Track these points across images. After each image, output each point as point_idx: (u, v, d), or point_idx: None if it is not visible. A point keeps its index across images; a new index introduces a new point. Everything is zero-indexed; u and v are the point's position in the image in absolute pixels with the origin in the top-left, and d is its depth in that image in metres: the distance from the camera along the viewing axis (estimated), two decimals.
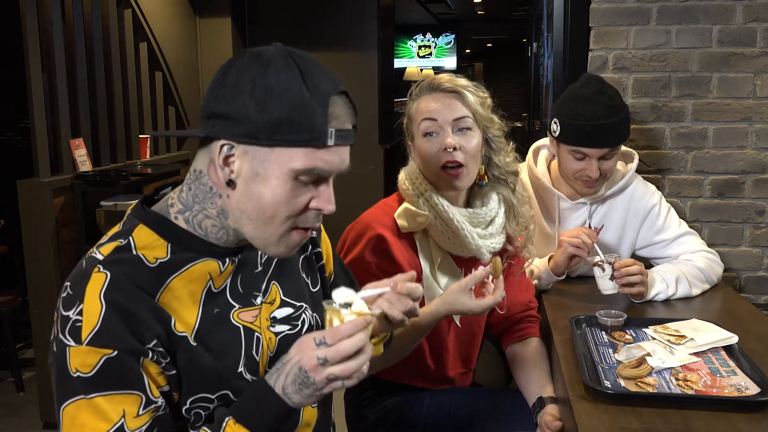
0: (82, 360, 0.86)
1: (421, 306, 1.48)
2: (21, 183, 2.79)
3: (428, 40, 12.49)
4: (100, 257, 0.92)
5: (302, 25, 4.74)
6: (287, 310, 1.08)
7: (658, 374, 1.31)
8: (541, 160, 1.99)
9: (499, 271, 1.40)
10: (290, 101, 0.88)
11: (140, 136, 3.67)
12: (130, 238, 0.95)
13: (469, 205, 1.58)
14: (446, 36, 12.44)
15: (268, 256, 1.07)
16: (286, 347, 1.05)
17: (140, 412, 0.88)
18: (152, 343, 0.90)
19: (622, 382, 1.28)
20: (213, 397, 0.96)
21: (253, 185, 0.92)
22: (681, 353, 1.39)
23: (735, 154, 2.22)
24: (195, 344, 0.95)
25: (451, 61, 12.53)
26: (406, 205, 1.50)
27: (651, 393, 1.23)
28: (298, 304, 1.10)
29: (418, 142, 1.51)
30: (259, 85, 0.89)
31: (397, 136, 1.64)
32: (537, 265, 1.86)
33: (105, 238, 0.97)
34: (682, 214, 2.12)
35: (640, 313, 1.70)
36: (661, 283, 1.78)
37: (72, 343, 0.87)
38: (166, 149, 4.03)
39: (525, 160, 2.03)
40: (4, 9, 3.34)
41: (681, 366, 1.34)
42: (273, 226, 0.94)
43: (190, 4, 4.35)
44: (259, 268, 1.05)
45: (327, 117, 0.91)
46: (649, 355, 1.37)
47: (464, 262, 1.58)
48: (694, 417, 1.16)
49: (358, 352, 0.90)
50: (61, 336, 0.88)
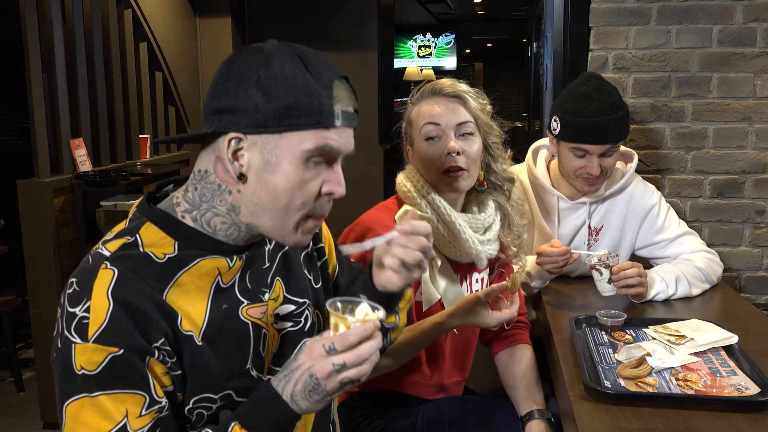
0: (88, 357, 0.86)
1: (425, 316, 1.49)
2: (21, 183, 2.79)
3: (428, 40, 12.49)
4: (107, 253, 0.92)
5: (302, 24, 4.74)
6: (290, 307, 1.08)
7: (658, 374, 1.31)
8: (541, 160, 1.99)
9: (517, 286, 1.41)
10: (296, 87, 0.90)
11: (140, 136, 3.67)
12: (137, 236, 0.95)
13: (465, 210, 1.57)
14: (446, 36, 12.44)
15: (272, 252, 1.07)
16: (289, 344, 1.06)
17: (143, 413, 0.88)
18: (159, 342, 0.90)
19: (622, 382, 1.28)
20: (216, 397, 0.96)
21: (266, 175, 0.92)
22: (681, 353, 1.39)
23: (735, 154, 2.22)
24: (201, 343, 0.94)
25: (451, 61, 12.53)
26: (407, 207, 1.50)
27: (651, 393, 1.23)
28: (301, 301, 1.10)
29: (420, 146, 1.51)
30: (264, 76, 0.90)
31: (396, 138, 1.64)
32: (531, 268, 1.84)
33: (111, 235, 0.96)
34: (682, 214, 2.12)
35: (640, 313, 1.70)
36: (661, 283, 1.78)
37: (78, 340, 0.86)
38: (166, 149, 4.03)
39: (524, 160, 2.03)
40: (4, 9, 3.35)
41: (681, 366, 1.34)
42: (289, 215, 0.95)
43: (190, 4, 4.35)
44: (267, 264, 1.05)
45: (332, 99, 0.92)
46: (649, 355, 1.37)
47: (461, 268, 1.58)
48: (694, 417, 1.16)
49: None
50: (66, 333, 0.87)
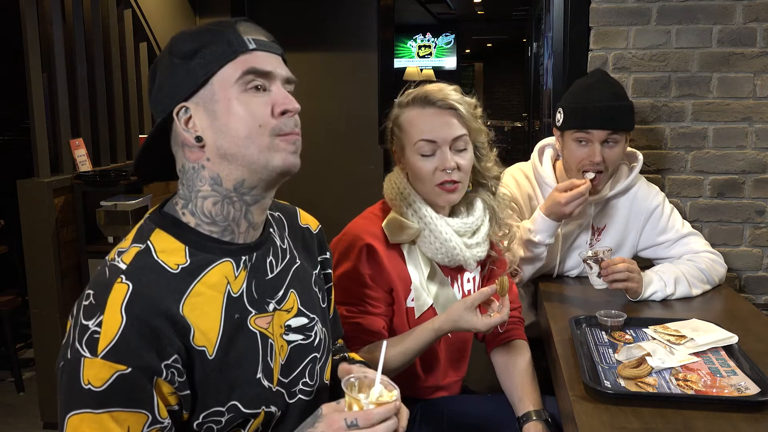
0: (96, 373, 0.85)
1: (419, 322, 1.49)
2: (21, 183, 2.79)
3: (428, 40, 12.49)
4: (123, 266, 0.92)
5: (302, 24, 4.74)
6: (303, 320, 1.09)
7: (658, 374, 1.31)
8: (547, 159, 1.99)
9: (506, 290, 1.40)
10: (201, 35, 0.96)
11: (140, 136, 3.67)
12: (149, 242, 0.96)
13: (453, 212, 1.57)
14: (446, 36, 12.44)
15: (284, 264, 1.08)
16: (297, 356, 1.07)
17: (144, 431, 0.88)
18: (172, 359, 0.89)
19: (622, 382, 1.28)
20: (224, 409, 0.96)
21: (218, 124, 0.95)
22: (681, 353, 1.39)
23: (735, 154, 2.22)
24: (212, 357, 0.94)
25: (451, 61, 12.53)
26: (393, 215, 1.49)
27: (651, 393, 1.23)
28: (312, 316, 1.11)
29: (413, 159, 1.48)
30: (172, 47, 0.98)
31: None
32: (530, 224, 1.82)
33: (125, 244, 0.97)
34: (682, 214, 2.12)
35: (640, 313, 1.70)
36: (659, 282, 1.78)
37: (87, 354, 0.86)
38: None
39: (529, 159, 2.03)
40: (4, 9, 3.35)
41: (681, 366, 1.34)
42: (254, 143, 0.95)
43: (190, 4, 4.35)
44: (270, 276, 1.06)
45: (238, 32, 0.97)
46: (649, 355, 1.37)
47: (451, 270, 1.58)
48: (694, 417, 1.16)
49: None
50: (77, 345, 0.87)
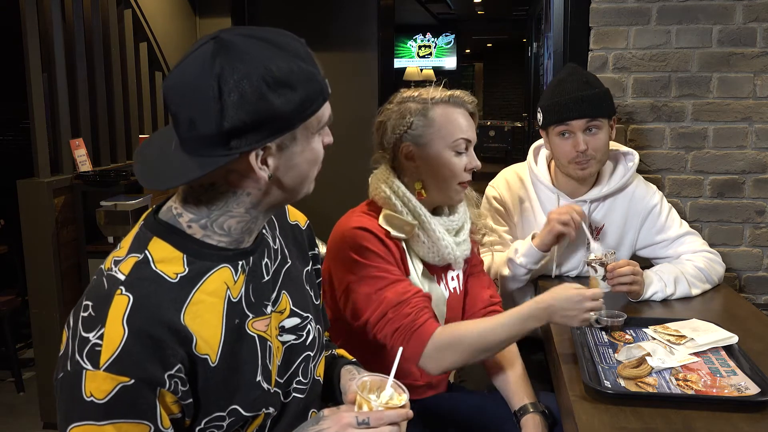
0: (98, 385, 0.85)
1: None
2: (21, 183, 2.79)
3: (428, 40, 12.50)
4: (122, 277, 0.90)
5: (302, 24, 4.74)
6: (295, 320, 1.09)
7: (658, 374, 1.31)
8: (542, 159, 2.00)
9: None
10: (300, 80, 0.90)
11: (140, 136, 3.67)
12: (147, 252, 0.94)
13: (436, 212, 1.58)
14: (446, 36, 12.45)
15: (275, 268, 1.08)
16: (291, 356, 1.07)
17: None
18: (175, 369, 0.89)
19: (622, 382, 1.28)
20: (225, 414, 0.96)
21: (289, 163, 0.95)
22: (681, 353, 1.39)
23: (735, 154, 2.22)
24: (215, 365, 0.94)
25: (451, 61, 12.54)
26: (387, 212, 1.49)
27: (651, 393, 1.23)
28: (305, 315, 1.11)
29: (445, 154, 1.49)
30: (270, 81, 0.87)
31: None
32: (519, 245, 1.86)
33: (121, 253, 0.95)
34: (682, 214, 2.12)
35: (640, 313, 1.70)
36: (659, 283, 1.78)
37: (89, 367, 0.85)
38: None
39: (525, 159, 2.04)
40: (4, 9, 3.35)
41: (681, 366, 1.34)
42: (307, 183, 1.00)
43: (190, 4, 4.35)
44: (267, 278, 1.05)
45: (321, 72, 0.94)
46: (649, 355, 1.37)
47: (437, 269, 1.59)
48: (694, 417, 1.16)
49: None
50: (77, 357, 0.86)
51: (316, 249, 1.23)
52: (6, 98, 3.96)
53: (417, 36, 12.45)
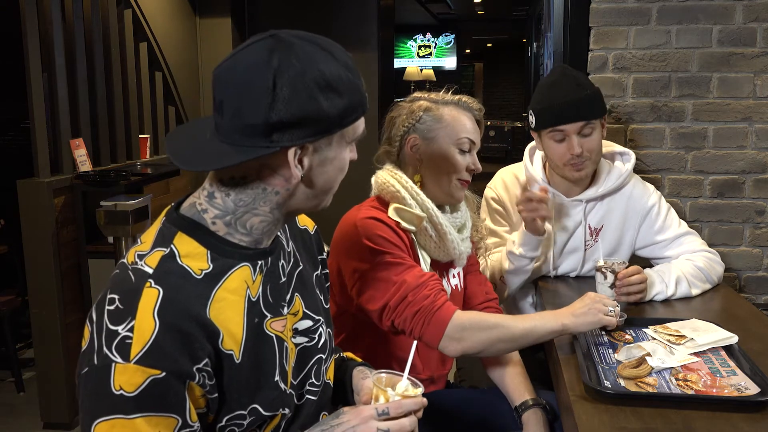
0: (128, 378, 0.84)
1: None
2: (21, 183, 2.79)
3: (428, 40, 12.50)
4: (149, 270, 0.91)
5: (302, 24, 4.69)
6: (308, 323, 1.10)
7: (658, 374, 1.31)
8: (537, 159, 2.01)
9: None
10: (348, 88, 0.94)
11: (140, 136, 3.67)
12: (172, 246, 0.94)
13: (439, 210, 1.59)
14: (446, 36, 12.45)
15: (289, 270, 1.09)
16: (304, 358, 1.08)
17: None
18: (203, 363, 0.89)
19: (622, 382, 1.28)
20: (245, 412, 0.97)
21: (322, 169, 0.97)
22: (681, 353, 1.39)
23: (735, 154, 2.22)
24: (239, 361, 0.94)
25: (451, 61, 12.54)
26: (397, 205, 1.51)
27: (651, 393, 1.23)
28: (317, 318, 1.12)
29: (450, 151, 1.53)
30: (321, 83, 0.91)
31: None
32: (515, 237, 1.86)
33: (144, 247, 0.95)
34: (682, 214, 2.12)
35: (640, 313, 1.70)
36: (661, 284, 1.78)
37: (119, 360, 0.84)
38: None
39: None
40: (4, 9, 3.35)
41: (681, 366, 1.34)
42: (331, 191, 1.03)
43: (190, 4, 4.35)
44: (283, 279, 1.06)
45: (364, 86, 0.98)
46: (649, 355, 1.37)
47: (439, 265, 1.60)
48: (694, 417, 1.16)
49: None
50: (106, 351, 0.85)
51: (324, 254, 1.24)
52: (6, 98, 3.96)
53: (417, 36, 12.45)
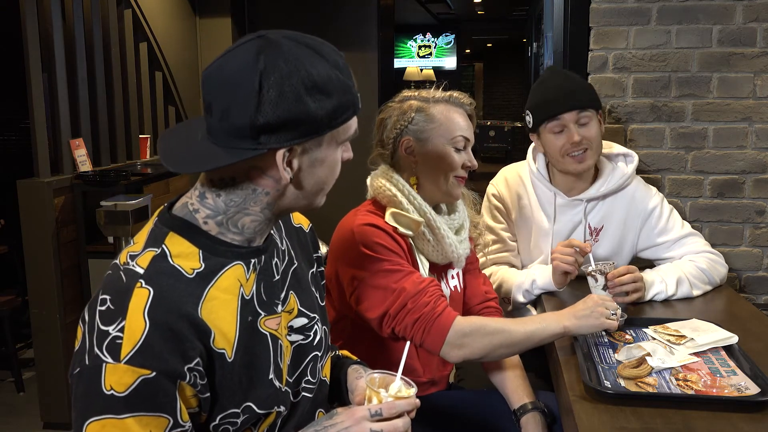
0: (119, 378, 0.84)
1: None
2: (21, 183, 2.79)
3: (428, 40, 12.50)
4: (140, 270, 0.91)
5: (302, 24, 4.74)
6: (303, 320, 1.10)
7: (658, 374, 1.31)
8: (540, 158, 2.01)
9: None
10: (337, 89, 0.93)
11: (140, 136, 3.67)
12: (164, 246, 0.94)
13: (435, 211, 1.58)
14: (446, 36, 12.45)
15: (283, 268, 1.09)
16: (299, 356, 1.08)
17: None
18: (194, 362, 0.89)
19: (622, 382, 1.28)
20: (239, 410, 0.97)
21: (312, 169, 0.97)
22: (681, 353, 1.39)
23: (735, 154, 2.22)
24: (231, 360, 0.95)
25: (451, 61, 12.53)
26: (393, 209, 1.49)
27: (651, 393, 1.23)
28: (312, 315, 1.12)
29: (444, 150, 1.52)
30: (308, 85, 0.90)
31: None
32: (539, 274, 1.85)
33: (136, 248, 0.95)
34: (682, 215, 2.12)
35: (640, 313, 1.70)
36: (660, 284, 1.78)
37: (110, 360, 0.85)
38: None
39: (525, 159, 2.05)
40: (4, 9, 3.35)
41: (681, 366, 1.34)
42: (323, 192, 1.02)
43: (190, 4, 4.35)
44: (277, 277, 1.06)
45: (355, 86, 0.97)
46: (649, 355, 1.37)
47: (438, 269, 1.60)
48: (694, 417, 1.16)
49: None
50: (97, 351, 0.86)
51: (320, 251, 1.24)
52: (6, 98, 3.96)
53: (417, 36, 12.45)
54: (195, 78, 4.41)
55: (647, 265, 1.93)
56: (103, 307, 0.89)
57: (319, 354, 1.13)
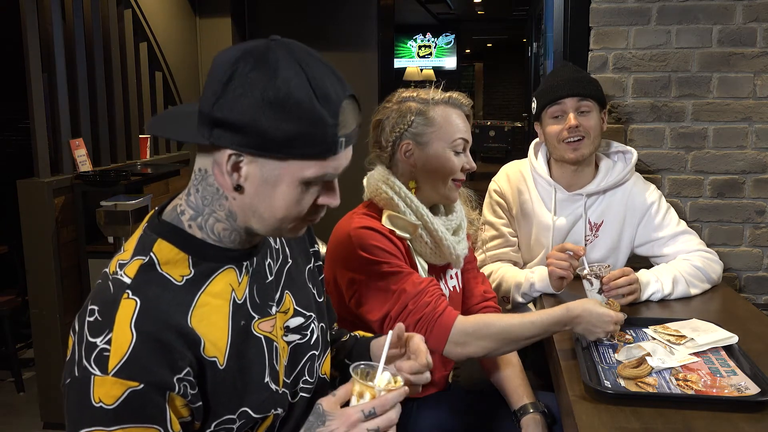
0: (107, 391, 0.84)
1: None
2: (21, 183, 2.79)
3: (428, 40, 12.50)
4: (127, 280, 0.90)
5: (302, 24, 4.73)
6: (299, 320, 1.10)
7: (658, 374, 1.31)
8: (541, 155, 2.04)
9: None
10: (302, 116, 0.86)
11: (140, 136, 3.67)
12: (152, 254, 0.93)
13: (433, 212, 1.58)
14: (446, 36, 12.44)
15: (277, 268, 1.08)
16: (297, 356, 1.07)
17: None
18: (184, 372, 0.88)
19: (622, 382, 1.28)
20: (235, 416, 0.96)
21: (263, 189, 0.91)
22: (681, 353, 1.39)
23: (735, 154, 2.22)
24: (223, 367, 0.94)
25: (451, 61, 12.53)
26: (390, 212, 1.49)
27: (651, 393, 1.23)
28: (308, 314, 1.12)
29: (444, 153, 1.50)
30: (270, 98, 0.85)
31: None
32: (537, 278, 1.85)
33: (125, 256, 0.94)
34: (682, 214, 2.12)
35: (640, 313, 1.71)
36: (656, 283, 1.78)
37: (97, 372, 0.84)
38: (166, 149, 4.03)
39: (526, 157, 2.08)
40: (4, 9, 3.35)
41: (681, 366, 1.34)
42: (284, 223, 0.95)
43: (190, 4, 4.35)
44: (270, 278, 1.06)
45: (338, 128, 0.89)
46: (649, 355, 1.37)
47: (437, 269, 1.60)
48: (694, 417, 1.16)
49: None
50: (85, 363, 0.85)
51: (316, 246, 1.23)
52: (6, 98, 3.96)
53: (417, 36, 12.44)
54: (195, 78, 4.41)
55: (643, 264, 1.94)
56: (92, 318, 0.88)
57: (317, 353, 1.12)
